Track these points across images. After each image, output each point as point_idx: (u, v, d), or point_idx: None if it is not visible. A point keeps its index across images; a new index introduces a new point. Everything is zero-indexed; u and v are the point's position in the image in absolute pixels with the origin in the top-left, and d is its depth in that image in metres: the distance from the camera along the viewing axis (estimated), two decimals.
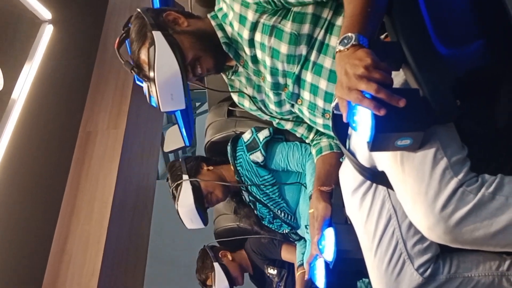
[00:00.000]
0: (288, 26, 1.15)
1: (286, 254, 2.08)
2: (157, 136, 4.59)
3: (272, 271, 2.19)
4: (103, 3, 4.03)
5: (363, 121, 0.85)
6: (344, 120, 0.89)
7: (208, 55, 1.23)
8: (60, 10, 3.39)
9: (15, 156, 2.81)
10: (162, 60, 1.16)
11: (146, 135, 4.14)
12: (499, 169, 0.90)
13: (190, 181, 1.68)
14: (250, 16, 1.18)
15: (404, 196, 0.90)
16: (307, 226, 1.47)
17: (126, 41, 1.32)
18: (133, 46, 1.26)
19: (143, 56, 1.23)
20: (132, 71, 1.25)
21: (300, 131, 1.48)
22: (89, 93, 3.63)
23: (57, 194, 3.22)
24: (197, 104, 9.18)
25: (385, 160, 0.93)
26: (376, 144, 0.85)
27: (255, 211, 1.80)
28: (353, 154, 1.05)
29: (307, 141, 1.52)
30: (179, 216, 1.76)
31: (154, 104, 1.33)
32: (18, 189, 2.92)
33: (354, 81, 0.83)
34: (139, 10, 1.27)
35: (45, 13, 3.25)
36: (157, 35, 1.19)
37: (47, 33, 3.27)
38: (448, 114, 0.86)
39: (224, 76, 1.40)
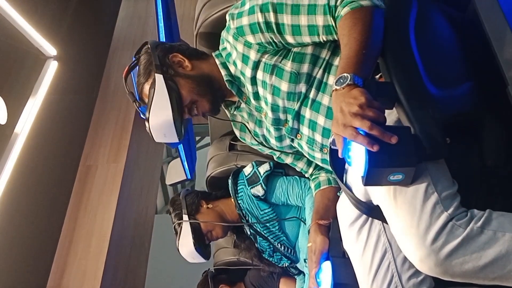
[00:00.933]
0: (288, 66, 1.21)
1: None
2: (157, 171, 4.62)
3: None
4: (107, 40, 4.15)
5: (357, 157, 0.89)
6: (340, 155, 0.93)
7: (205, 99, 1.31)
8: (65, 46, 3.48)
9: (16, 188, 2.84)
10: (158, 104, 1.26)
11: (145, 169, 4.17)
12: (488, 205, 0.94)
13: (191, 222, 1.72)
14: (253, 55, 1.24)
15: (397, 229, 0.93)
16: (306, 260, 1.49)
17: (132, 73, 1.40)
18: (139, 78, 1.33)
19: (146, 91, 1.31)
20: (134, 103, 1.33)
21: (300, 165, 1.52)
22: (90, 128, 3.69)
23: (55, 227, 3.23)
24: (197, 138, 9.28)
25: (379, 195, 0.97)
26: (369, 179, 0.89)
27: (256, 244, 1.82)
28: (349, 189, 1.08)
29: (306, 175, 1.56)
30: (180, 253, 1.79)
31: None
32: (18, 221, 2.93)
33: (349, 119, 0.88)
34: (149, 45, 1.34)
35: (50, 50, 3.33)
36: (159, 78, 1.26)
37: (51, 69, 3.34)
38: (438, 151, 0.90)
39: (226, 112, 1.45)
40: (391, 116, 1.01)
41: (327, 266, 1.26)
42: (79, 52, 3.72)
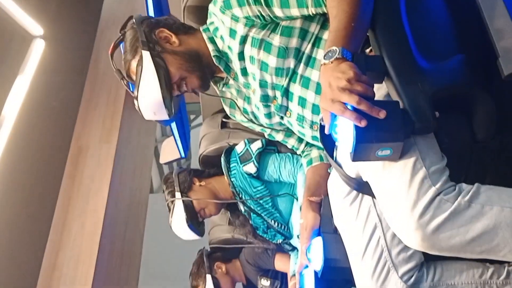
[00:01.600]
0: (276, 40, 1.19)
1: (279, 264, 2.10)
2: (150, 150, 4.60)
3: (265, 283, 2.20)
4: (95, 19, 4.08)
5: (345, 132, 0.88)
6: (326, 131, 0.92)
7: (194, 75, 1.29)
8: (51, 25, 3.42)
9: (6, 170, 2.83)
10: (146, 82, 1.24)
11: (138, 149, 4.15)
12: (478, 179, 0.93)
13: (183, 200, 1.72)
14: (240, 29, 1.22)
15: (385, 204, 0.93)
16: (299, 236, 1.50)
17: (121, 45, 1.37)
18: (126, 55, 1.31)
19: (133, 68, 1.29)
20: (122, 80, 1.31)
21: (291, 142, 1.51)
22: (80, 108, 3.65)
23: (48, 208, 3.22)
24: (192, 117, 9.25)
25: (367, 170, 0.96)
26: (357, 155, 0.88)
27: (250, 221, 1.82)
28: (339, 165, 1.08)
29: (297, 152, 1.55)
30: (173, 231, 1.80)
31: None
32: (10, 204, 2.93)
33: (337, 93, 0.86)
34: (134, 20, 1.31)
35: (37, 29, 3.28)
36: (146, 56, 1.24)
37: (38, 48, 3.29)
38: (427, 126, 0.89)
39: (215, 88, 1.43)
40: (381, 90, 1.00)
41: (318, 241, 1.26)
42: (66, 31, 3.67)
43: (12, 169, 2.89)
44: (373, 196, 1.03)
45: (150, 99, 1.25)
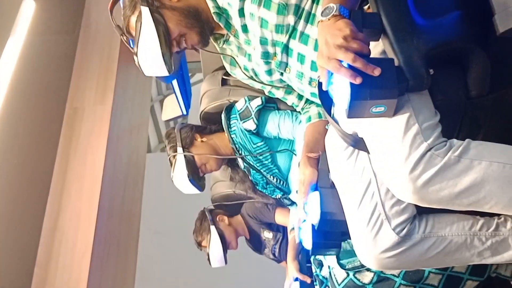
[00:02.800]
0: None
1: (280, 218, 2.17)
2: (146, 110, 4.59)
3: (268, 235, 2.28)
4: None
5: (340, 89, 0.90)
6: (324, 88, 0.94)
7: (194, 31, 1.30)
8: None
9: (2, 134, 2.83)
10: (146, 38, 1.25)
11: (134, 109, 4.12)
12: (471, 136, 0.96)
13: (185, 155, 1.76)
14: None
15: (379, 159, 0.96)
16: (298, 191, 1.54)
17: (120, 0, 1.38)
18: (125, 11, 1.32)
19: (132, 24, 1.30)
20: (122, 36, 1.32)
21: (291, 99, 1.53)
22: (74, 69, 3.60)
23: (46, 171, 3.23)
24: (189, 74, 9.14)
25: (363, 126, 0.99)
26: (352, 111, 0.90)
27: (250, 177, 1.87)
28: (336, 121, 1.10)
29: (297, 109, 1.58)
30: (175, 184, 1.84)
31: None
32: (7, 167, 2.93)
33: (333, 51, 0.88)
34: None
35: None
36: (145, 12, 1.25)
37: (29, 9, 3.18)
38: (421, 83, 0.91)
39: (215, 45, 1.44)
40: (378, 47, 1.01)
41: (315, 195, 1.30)
42: None
43: (8, 132, 2.89)
44: (368, 152, 1.06)
45: (149, 55, 1.27)
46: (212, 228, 2.24)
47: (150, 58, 1.27)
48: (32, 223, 3.08)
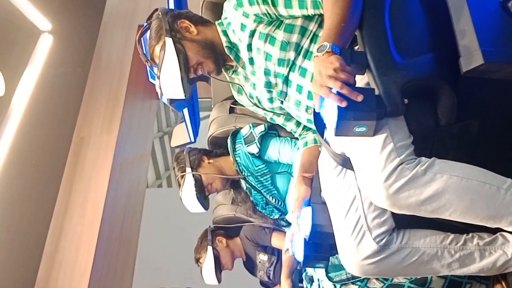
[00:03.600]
0: (280, 35, 1.39)
1: (276, 241, 2.30)
2: (148, 143, 4.68)
3: (263, 257, 2.40)
4: (99, 14, 4.15)
5: (330, 111, 1.08)
6: (316, 110, 1.12)
7: (209, 60, 1.50)
8: (59, 20, 3.50)
9: (14, 157, 2.95)
10: (168, 63, 1.44)
11: (137, 141, 4.22)
12: (439, 157, 1.13)
13: (193, 174, 1.92)
14: (249, 25, 1.41)
15: (360, 171, 1.13)
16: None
17: (144, 37, 1.58)
18: (151, 41, 1.51)
19: (156, 53, 1.49)
20: (146, 62, 1.51)
21: (290, 126, 1.71)
22: (83, 100, 3.74)
23: (51, 195, 3.32)
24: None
25: (348, 146, 1.16)
26: (339, 130, 1.08)
27: (250, 198, 2.03)
28: (328, 143, 1.27)
29: (295, 135, 1.75)
30: (182, 202, 2.00)
31: (162, 99, 1.58)
32: (16, 190, 3.05)
33: (324, 80, 1.07)
34: (159, 11, 1.52)
35: (45, 23, 3.36)
36: (168, 42, 1.44)
37: (46, 42, 3.37)
38: (396, 109, 1.09)
39: (225, 74, 1.63)
40: (363, 80, 1.19)
41: (307, 210, 1.45)
42: (72, 26, 3.74)
43: (19, 156, 3.02)
44: (354, 170, 1.23)
45: (170, 79, 1.45)
46: (209, 248, 2.37)
47: (171, 82, 1.45)
48: (35, 244, 3.16)
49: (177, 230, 6.35)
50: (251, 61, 1.49)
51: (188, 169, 1.94)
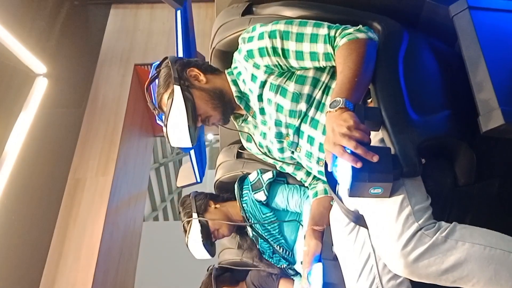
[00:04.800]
0: (291, 86, 1.36)
1: None
2: (144, 182, 4.69)
3: None
4: (94, 54, 4.22)
5: (343, 171, 1.04)
6: (329, 169, 1.08)
7: (217, 112, 1.47)
8: (53, 62, 3.52)
9: (8, 202, 2.92)
10: (176, 112, 1.42)
11: (133, 181, 4.22)
12: (459, 219, 1.07)
13: (199, 220, 1.87)
14: (260, 76, 1.39)
15: (375, 235, 1.07)
16: (302, 262, 1.63)
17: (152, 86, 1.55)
18: (159, 89, 1.49)
19: (164, 101, 1.46)
20: (154, 110, 1.48)
21: (300, 175, 1.66)
22: (78, 141, 3.77)
23: (45, 240, 3.30)
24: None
25: (363, 205, 1.11)
26: (353, 191, 1.03)
27: (257, 246, 1.96)
28: (340, 199, 1.23)
29: (305, 184, 1.70)
30: (188, 248, 1.94)
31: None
32: (9, 234, 3.02)
33: (338, 138, 1.03)
34: (168, 59, 1.50)
35: (40, 67, 3.36)
36: (177, 90, 1.42)
37: (41, 86, 3.38)
38: (414, 170, 1.04)
39: (234, 123, 1.60)
40: (378, 136, 1.16)
41: (318, 267, 1.39)
42: (67, 68, 3.77)
43: (13, 201, 3.00)
44: (367, 228, 1.18)
45: (177, 127, 1.42)
46: None
47: (178, 130, 1.42)
48: None
49: (174, 266, 6.26)
50: (262, 111, 1.46)
51: (195, 215, 1.89)
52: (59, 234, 3.37)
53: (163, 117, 1.47)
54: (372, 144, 1.05)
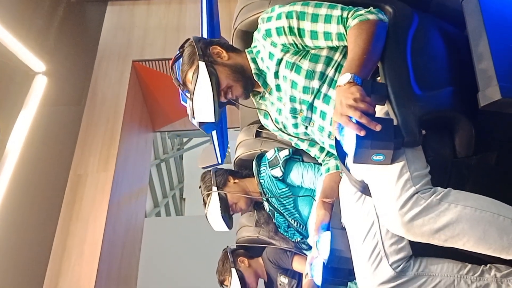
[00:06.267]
0: (305, 64, 1.45)
1: (297, 265, 2.31)
2: (145, 176, 4.75)
3: (283, 280, 2.41)
4: (92, 51, 4.26)
5: (349, 139, 1.13)
6: (337, 137, 1.17)
7: (238, 84, 1.57)
8: (52, 60, 3.56)
9: (11, 199, 2.99)
10: (201, 85, 1.52)
11: (134, 176, 4.28)
12: (456, 188, 1.15)
13: (219, 193, 1.99)
14: (277, 53, 1.49)
15: (377, 198, 1.16)
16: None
17: (177, 63, 1.66)
18: (183, 67, 1.60)
19: (189, 77, 1.57)
20: (179, 86, 1.59)
21: (313, 151, 1.76)
22: (79, 138, 3.85)
23: (48, 235, 3.40)
24: (185, 139, 9.40)
25: (367, 173, 1.20)
26: (357, 157, 1.12)
27: (273, 220, 2.07)
28: (348, 170, 1.32)
29: (319, 160, 1.79)
30: (208, 220, 2.06)
31: (192, 121, 1.65)
32: (13, 231, 3.10)
33: (345, 109, 1.12)
34: (192, 39, 1.61)
35: (39, 65, 3.40)
36: (201, 65, 1.53)
37: (41, 84, 3.41)
38: (414, 140, 1.13)
39: (253, 100, 1.70)
40: (383, 110, 1.24)
41: (327, 235, 1.49)
42: (66, 65, 3.82)
43: (16, 198, 3.07)
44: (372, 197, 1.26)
45: (203, 100, 1.53)
46: (233, 270, 2.40)
47: (203, 103, 1.53)
48: (32, 287, 3.21)
49: (176, 261, 6.35)
50: (278, 88, 1.55)
51: (214, 188, 2.00)
52: (62, 230, 3.47)
53: (188, 93, 1.57)
54: (377, 116, 1.14)
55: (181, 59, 1.63)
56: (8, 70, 3.32)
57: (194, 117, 1.57)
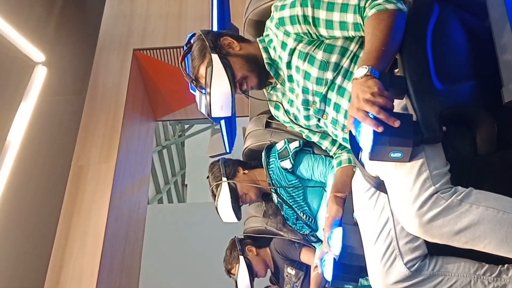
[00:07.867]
0: (319, 54, 1.40)
1: (305, 257, 2.29)
2: (147, 167, 4.70)
3: (290, 271, 2.39)
4: (93, 40, 4.18)
5: (365, 135, 1.08)
6: (353, 133, 1.12)
7: (253, 75, 1.52)
8: (52, 50, 3.48)
9: (12, 192, 2.94)
10: (217, 79, 1.46)
11: (136, 166, 4.24)
12: (477, 187, 1.11)
13: (228, 183, 1.96)
14: (290, 43, 1.43)
15: (394, 196, 1.12)
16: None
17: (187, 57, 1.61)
18: (194, 62, 1.54)
19: (202, 72, 1.51)
20: (192, 82, 1.54)
21: (325, 144, 1.71)
22: (80, 128, 3.78)
23: (51, 228, 3.36)
24: (186, 126, 9.34)
25: (383, 169, 1.16)
26: (374, 155, 1.08)
27: (282, 212, 2.04)
28: (363, 165, 1.27)
29: (330, 153, 1.75)
30: (217, 211, 2.03)
31: (202, 111, 1.60)
32: (15, 223, 3.06)
33: (362, 103, 1.07)
34: (201, 32, 1.55)
35: (38, 55, 3.32)
36: (215, 58, 1.47)
37: (40, 74, 3.33)
38: (434, 137, 1.08)
39: (264, 90, 1.66)
40: (401, 104, 1.19)
41: (338, 230, 1.45)
42: (66, 55, 3.74)
43: (17, 191, 3.03)
44: (387, 193, 1.22)
45: (220, 94, 1.47)
46: (241, 258, 2.39)
47: (221, 97, 1.47)
48: (35, 279, 3.18)
49: (179, 248, 6.36)
50: (290, 78, 1.50)
51: (224, 179, 1.97)
52: (65, 221, 3.43)
53: (203, 88, 1.51)
54: (395, 111, 1.09)
55: (189, 54, 1.57)
56: (7, 61, 3.26)
57: (211, 113, 1.51)
